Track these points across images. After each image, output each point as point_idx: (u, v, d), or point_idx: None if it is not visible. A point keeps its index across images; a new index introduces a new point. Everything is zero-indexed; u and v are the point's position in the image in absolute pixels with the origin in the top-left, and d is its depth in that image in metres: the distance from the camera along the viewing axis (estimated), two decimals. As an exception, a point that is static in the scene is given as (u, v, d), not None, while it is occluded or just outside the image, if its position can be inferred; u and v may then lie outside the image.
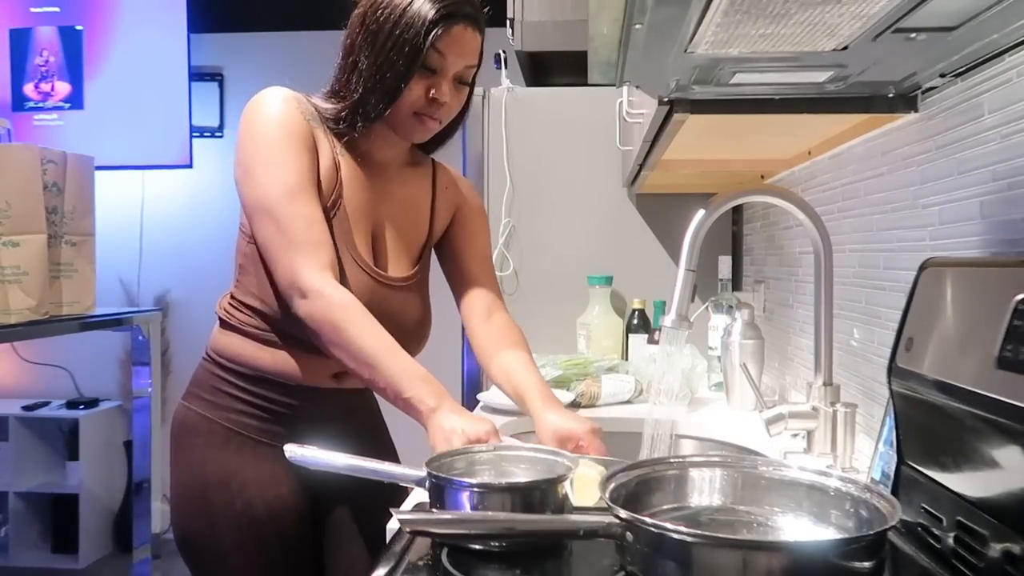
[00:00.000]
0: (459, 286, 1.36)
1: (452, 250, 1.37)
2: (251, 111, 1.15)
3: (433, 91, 1.15)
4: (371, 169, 1.23)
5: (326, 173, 1.17)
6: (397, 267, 1.26)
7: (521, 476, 0.96)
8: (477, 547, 0.81)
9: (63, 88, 3.47)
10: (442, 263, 1.39)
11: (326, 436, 1.15)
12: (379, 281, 1.21)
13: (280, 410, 1.21)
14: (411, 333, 1.25)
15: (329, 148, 1.18)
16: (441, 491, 0.87)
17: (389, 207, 1.26)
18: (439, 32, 1.11)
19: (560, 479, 0.89)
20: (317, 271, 1.08)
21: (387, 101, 1.14)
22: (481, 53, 1.20)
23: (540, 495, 0.87)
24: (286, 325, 1.16)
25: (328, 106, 1.19)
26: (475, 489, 0.86)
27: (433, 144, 1.32)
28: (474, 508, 0.86)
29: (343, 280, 1.14)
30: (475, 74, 1.22)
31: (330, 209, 1.16)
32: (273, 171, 1.11)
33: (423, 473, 0.89)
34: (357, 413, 1.31)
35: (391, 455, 1.37)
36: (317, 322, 1.07)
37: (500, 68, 2.27)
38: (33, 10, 3.47)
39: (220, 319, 1.26)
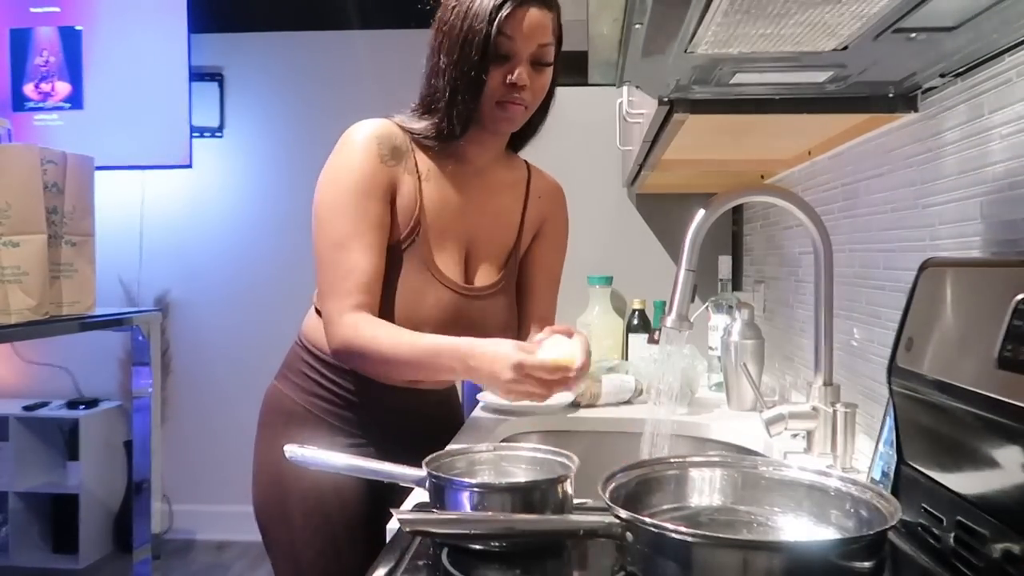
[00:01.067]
0: (519, 296, 1.41)
1: (525, 259, 1.40)
2: (334, 155, 1.22)
3: (510, 76, 1.17)
4: (465, 179, 1.29)
5: (405, 207, 1.23)
6: (485, 275, 1.32)
7: (521, 476, 0.96)
8: (477, 547, 0.81)
9: (63, 88, 3.47)
10: None
11: (400, 429, 1.27)
12: (461, 294, 1.27)
13: (355, 399, 1.27)
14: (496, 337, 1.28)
15: (412, 181, 1.24)
16: (441, 491, 0.88)
17: (480, 218, 1.31)
18: (504, 16, 1.14)
19: (560, 479, 0.88)
20: (343, 313, 1.17)
21: (472, 96, 1.18)
22: (558, 29, 1.22)
23: (540, 495, 0.87)
24: None
25: (422, 124, 1.24)
26: (475, 489, 0.86)
27: (521, 138, 1.35)
28: (474, 508, 0.86)
29: (423, 300, 1.23)
30: (557, 54, 1.24)
31: (404, 240, 1.22)
32: (331, 222, 1.19)
33: (423, 473, 0.90)
34: (434, 409, 1.36)
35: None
36: (346, 357, 1.19)
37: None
38: (33, 10, 3.47)
39: (315, 305, 1.32)
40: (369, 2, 3.44)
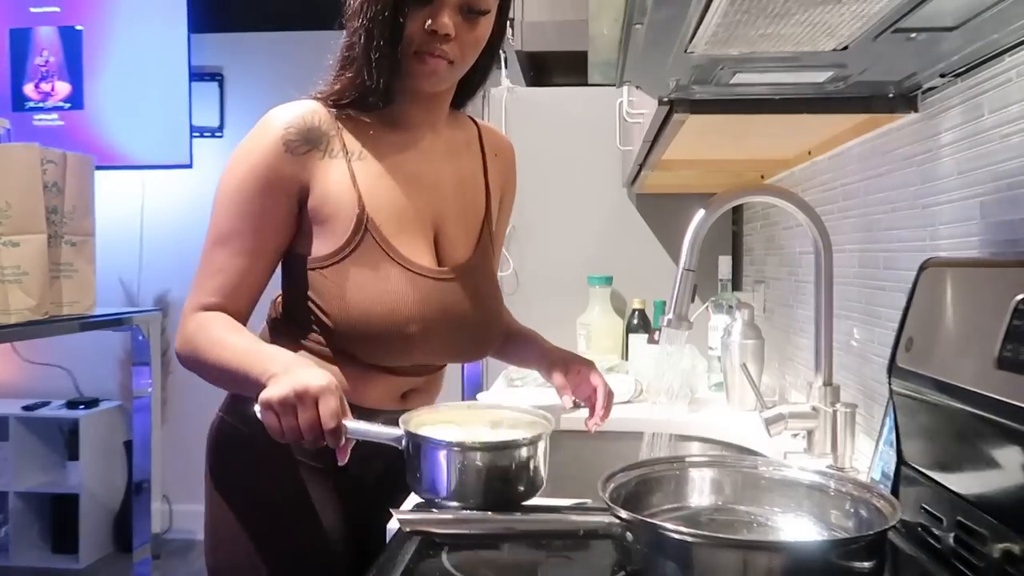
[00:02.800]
0: None
1: None
2: (245, 138, 1.08)
3: (430, 22, 1.00)
4: (413, 146, 1.12)
5: (340, 196, 1.06)
6: (462, 253, 1.14)
7: (497, 436, 0.97)
8: (477, 547, 0.81)
9: (63, 88, 3.47)
10: None
11: (388, 463, 1.05)
12: (441, 280, 1.09)
13: None
14: (475, 329, 1.14)
15: (340, 165, 1.07)
16: (418, 449, 0.90)
17: (440, 188, 1.13)
18: None
19: (537, 439, 0.91)
20: (194, 311, 1.04)
21: (390, 43, 1.00)
22: None
23: (518, 454, 0.90)
24: (343, 342, 1.07)
25: (340, 85, 1.07)
26: (453, 449, 0.89)
27: (461, 95, 1.17)
28: (450, 467, 0.88)
29: (400, 298, 1.05)
30: (502, 5, 1.08)
31: (353, 237, 1.05)
32: (216, 214, 1.06)
33: (400, 432, 0.92)
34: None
35: None
36: (182, 358, 1.04)
37: (500, 68, 2.27)
38: (33, 10, 3.47)
39: (269, 323, 1.17)
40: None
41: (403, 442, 0.91)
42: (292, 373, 0.91)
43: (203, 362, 1.02)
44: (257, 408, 0.91)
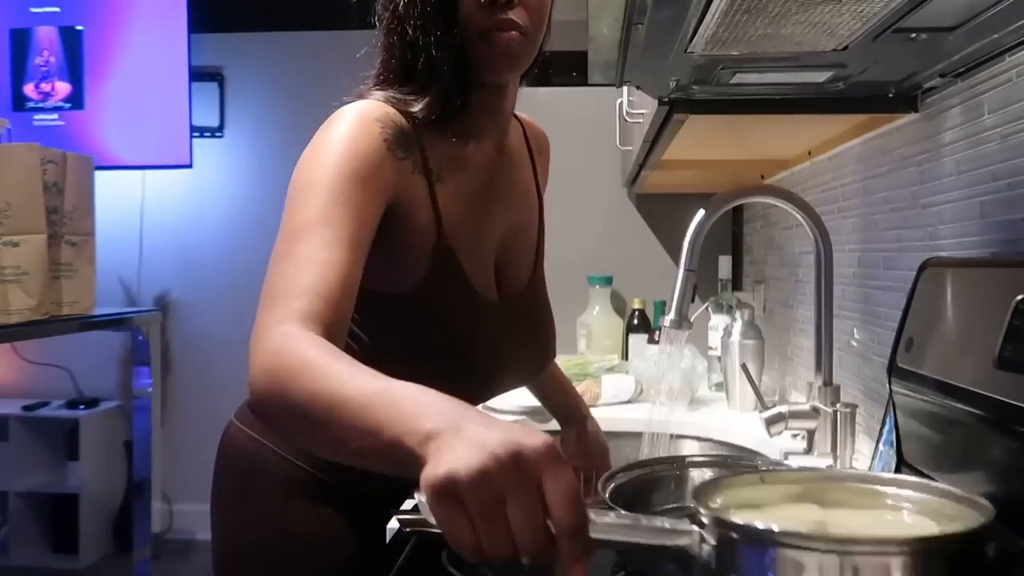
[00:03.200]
0: None
1: None
2: (320, 132, 0.88)
3: None
4: (483, 166, 0.98)
5: (415, 219, 0.90)
6: (520, 275, 1.04)
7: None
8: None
9: (63, 88, 3.47)
10: None
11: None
12: (502, 314, 0.98)
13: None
14: (535, 351, 1.07)
15: (423, 185, 0.90)
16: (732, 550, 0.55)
17: (506, 213, 1.01)
18: None
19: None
20: (281, 322, 0.72)
21: (449, 32, 0.86)
22: None
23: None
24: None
25: (411, 99, 0.90)
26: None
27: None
28: None
29: (472, 334, 0.93)
30: None
31: (432, 267, 0.91)
32: (299, 203, 0.82)
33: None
34: None
35: None
36: (259, 391, 0.68)
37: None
38: (33, 10, 3.47)
39: None
40: (369, 2, 3.45)
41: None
42: (472, 430, 0.52)
43: (295, 400, 0.64)
44: (420, 498, 0.53)
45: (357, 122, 0.86)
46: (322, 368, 0.65)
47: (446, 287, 0.91)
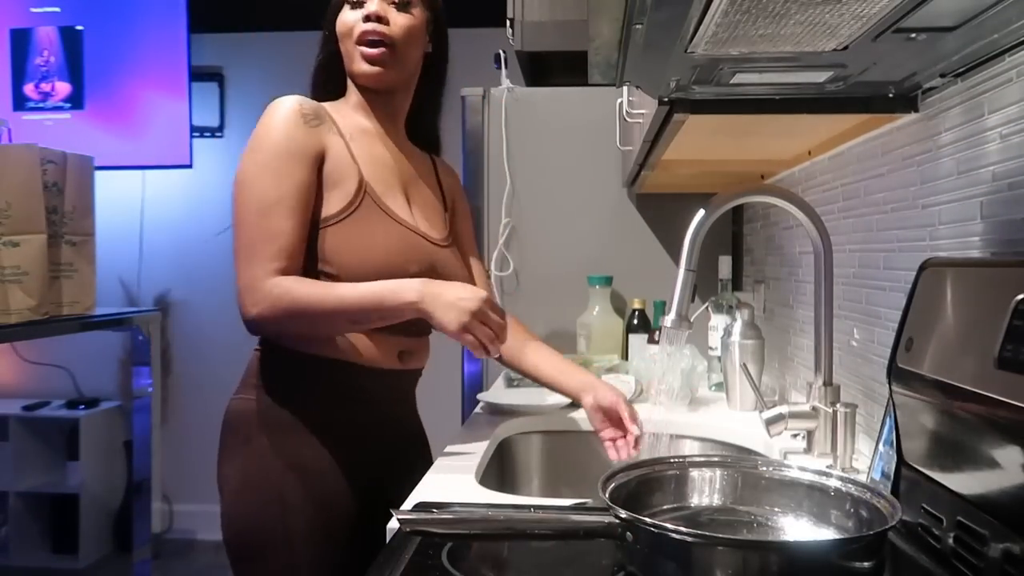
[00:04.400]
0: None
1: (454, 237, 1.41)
2: (257, 126, 1.19)
3: (362, 10, 1.22)
4: (386, 134, 1.31)
5: (343, 168, 1.21)
6: (433, 230, 1.30)
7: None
8: (477, 547, 0.81)
9: (63, 88, 3.47)
10: None
11: (380, 421, 1.24)
12: (425, 239, 1.26)
13: (344, 394, 1.20)
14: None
15: (340, 142, 1.22)
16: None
17: (411, 173, 1.32)
18: None
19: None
20: (267, 277, 1.11)
21: (333, 38, 1.26)
22: None
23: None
24: None
25: (314, 86, 1.32)
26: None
27: (418, 126, 1.38)
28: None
29: (403, 250, 1.21)
30: (432, 5, 1.29)
31: (355, 199, 1.20)
32: (253, 186, 1.15)
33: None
34: (408, 399, 1.34)
35: (425, 443, 1.39)
36: (272, 319, 1.12)
37: (500, 68, 2.27)
38: (33, 10, 3.47)
39: None
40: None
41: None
42: (445, 294, 1.10)
43: (307, 312, 1.11)
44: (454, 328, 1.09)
45: (281, 111, 1.19)
46: (318, 285, 1.13)
47: (368, 208, 1.20)
